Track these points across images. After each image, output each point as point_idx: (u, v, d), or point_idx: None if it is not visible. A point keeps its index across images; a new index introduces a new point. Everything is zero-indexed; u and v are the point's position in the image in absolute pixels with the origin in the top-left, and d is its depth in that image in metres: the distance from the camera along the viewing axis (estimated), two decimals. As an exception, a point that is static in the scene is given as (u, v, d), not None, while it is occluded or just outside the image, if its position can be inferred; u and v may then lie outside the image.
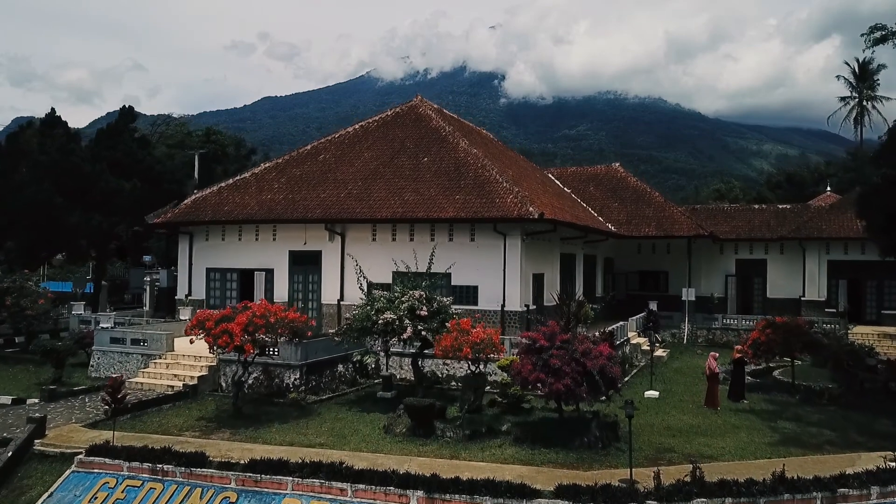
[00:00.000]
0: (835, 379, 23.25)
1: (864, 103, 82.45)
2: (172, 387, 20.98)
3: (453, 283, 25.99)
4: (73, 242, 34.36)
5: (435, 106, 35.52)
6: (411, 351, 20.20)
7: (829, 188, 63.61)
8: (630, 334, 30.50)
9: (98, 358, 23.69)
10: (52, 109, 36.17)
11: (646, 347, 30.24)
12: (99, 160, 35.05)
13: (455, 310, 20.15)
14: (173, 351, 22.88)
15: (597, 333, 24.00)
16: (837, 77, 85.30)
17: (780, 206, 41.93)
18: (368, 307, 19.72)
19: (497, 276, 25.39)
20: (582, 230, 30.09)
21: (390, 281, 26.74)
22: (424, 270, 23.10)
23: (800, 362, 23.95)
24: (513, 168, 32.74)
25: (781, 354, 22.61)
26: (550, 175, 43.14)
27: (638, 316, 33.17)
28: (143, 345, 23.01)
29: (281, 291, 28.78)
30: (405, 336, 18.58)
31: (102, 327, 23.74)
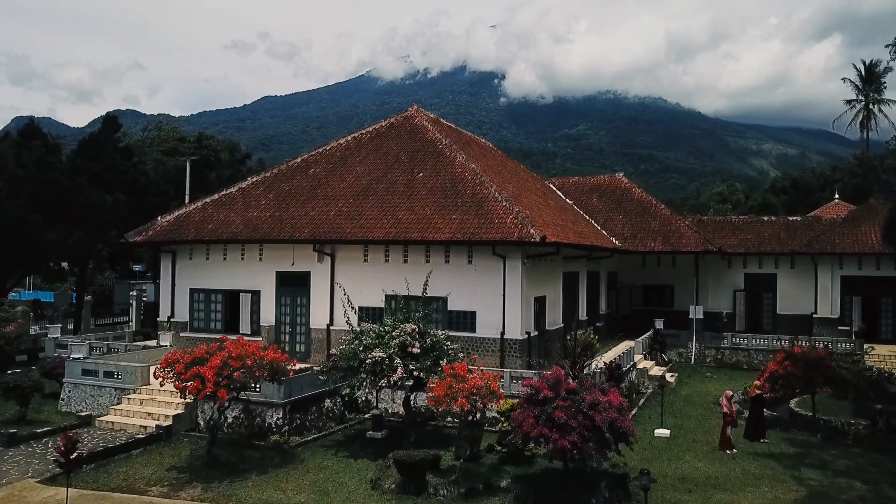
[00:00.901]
0: (857, 412, 21.75)
1: (871, 106, 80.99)
2: (145, 427, 19.43)
3: (449, 307, 24.45)
4: (50, 260, 32.78)
5: (432, 116, 33.96)
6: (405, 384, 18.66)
7: (836, 196, 62.29)
8: (636, 357, 28.96)
9: (69, 391, 22.13)
10: (31, 119, 34.63)
11: (653, 372, 28.75)
12: (80, 173, 33.50)
13: (451, 345, 18.56)
14: (149, 385, 21.32)
15: (602, 362, 22.51)
16: (843, 79, 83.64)
17: (791, 219, 40.35)
18: (356, 342, 18.17)
19: (496, 301, 23.83)
20: (586, 249, 28.55)
21: (382, 305, 25.32)
22: (419, 294, 21.70)
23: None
24: (513, 182, 31.20)
25: (802, 390, 21.05)
26: (552, 185, 41.59)
27: (644, 336, 31.66)
28: (117, 377, 21.45)
29: (267, 314, 27.23)
30: (395, 377, 17.03)
31: (74, 358, 22.20)
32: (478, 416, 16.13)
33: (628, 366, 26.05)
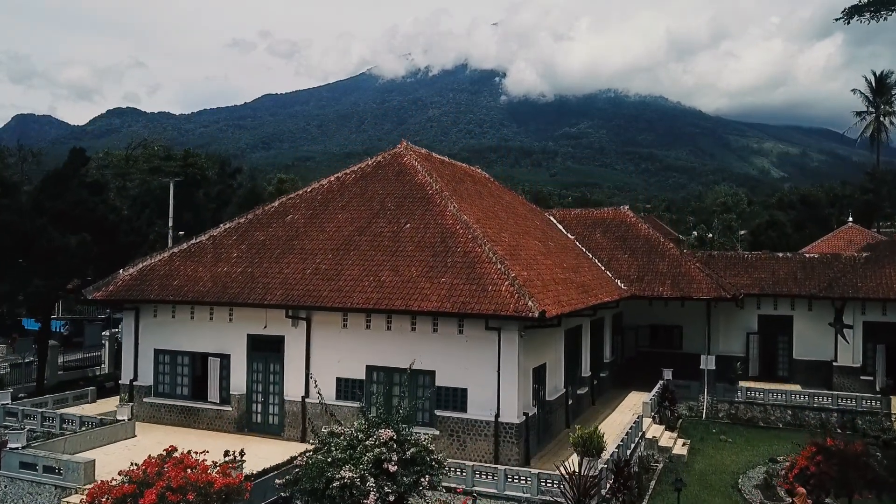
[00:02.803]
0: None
1: (882, 119, 78.30)
2: (83, 543, 16.85)
3: (438, 383, 21.89)
4: (2, 313, 30.25)
5: (422, 151, 31.36)
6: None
7: (850, 219, 59.71)
8: (644, 423, 26.34)
9: (5, 486, 19.58)
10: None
11: (664, 442, 26.21)
12: (41, 213, 30.94)
13: (436, 454, 15.96)
14: (95, 480, 18.73)
15: (605, 456, 19.91)
16: (853, 91, 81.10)
17: (808, 255, 37.73)
18: (322, 453, 15.60)
19: (490, 377, 21.24)
20: (592, 309, 25.97)
21: (363, 377, 22.82)
22: (404, 368, 19.92)
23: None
24: (509, 226, 28.63)
25: (837, 492, 18.50)
26: (552, 217, 39.02)
27: (652, 393, 29.08)
28: (58, 473, 18.90)
29: (238, 381, 24.66)
30: (367, 505, 14.44)
31: (11, 448, 19.68)
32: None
33: (636, 439, 23.47)
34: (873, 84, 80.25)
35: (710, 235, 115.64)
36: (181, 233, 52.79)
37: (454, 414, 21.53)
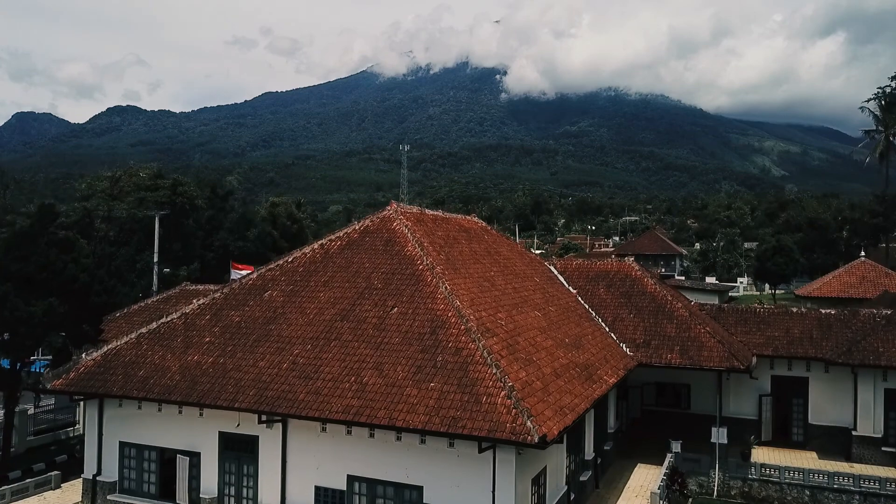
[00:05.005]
0: None
1: (892, 139, 76.04)
2: None
3: (425, 499, 19.77)
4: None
5: (414, 211, 29.24)
6: None
7: (862, 254, 57.52)
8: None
9: None
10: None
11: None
12: (6, 278, 28.73)
13: None
14: None
15: None
16: (861, 108, 79.04)
17: (824, 312, 35.51)
18: None
19: (483, 495, 19.12)
20: (601, 399, 23.84)
21: (344, 487, 20.74)
22: (389, 480, 18.90)
23: None
24: (507, 300, 26.49)
25: None
26: (553, 268, 36.87)
27: (660, 477, 26.99)
28: None
29: (209, 483, 22.56)
30: None
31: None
32: None
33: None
34: (882, 102, 78.10)
35: (714, 243, 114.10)
36: (166, 270, 50.67)
37: (443, 537, 19.44)
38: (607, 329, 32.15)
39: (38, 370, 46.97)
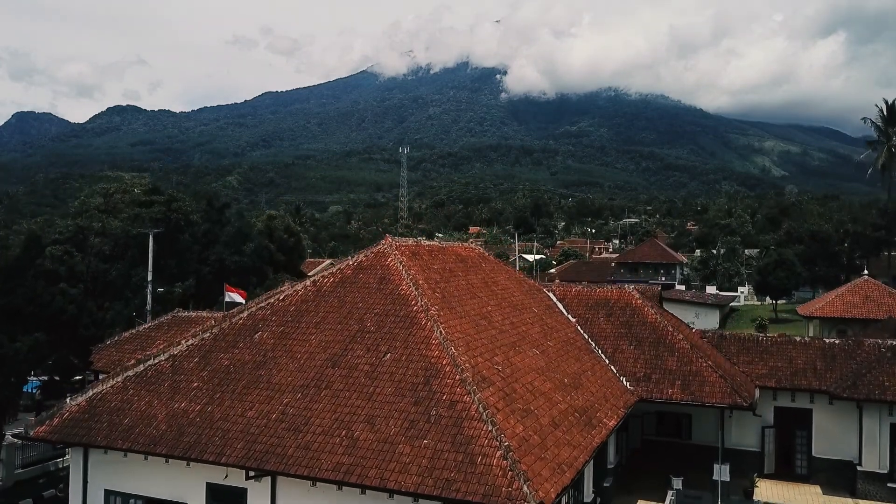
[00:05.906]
0: None
1: (894, 150, 75.29)
2: None
3: (419, 560, 19.10)
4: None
5: (409, 246, 28.55)
6: None
7: (865, 272, 56.79)
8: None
9: None
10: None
11: None
12: (-10, 312, 28.18)
13: None
14: None
15: None
16: (863, 119, 78.33)
17: (828, 342, 34.84)
18: None
19: (478, 558, 18.46)
20: (600, 446, 23.15)
21: (336, 546, 20.01)
22: None
23: None
24: (504, 338, 25.83)
25: None
26: (553, 295, 36.18)
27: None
28: None
29: (196, 536, 21.91)
30: None
31: None
32: None
33: None
34: (884, 112, 77.35)
35: (714, 251, 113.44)
36: (160, 289, 50.02)
37: None
38: (607, 361, 31.49)
39: (30, 391, 46.38)
